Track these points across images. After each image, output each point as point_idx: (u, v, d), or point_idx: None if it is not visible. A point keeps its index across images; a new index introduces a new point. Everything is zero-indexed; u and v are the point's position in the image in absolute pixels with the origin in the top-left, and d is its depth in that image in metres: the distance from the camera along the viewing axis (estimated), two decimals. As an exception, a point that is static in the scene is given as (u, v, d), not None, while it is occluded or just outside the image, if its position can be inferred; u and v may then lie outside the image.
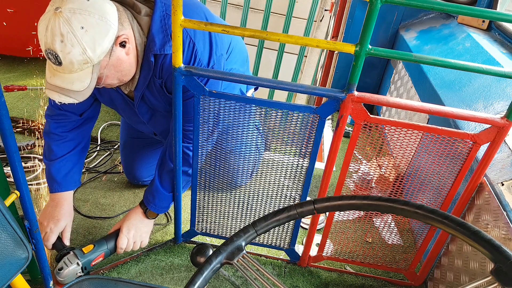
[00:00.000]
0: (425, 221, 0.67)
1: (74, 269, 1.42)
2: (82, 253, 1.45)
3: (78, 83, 1.16)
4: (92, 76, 1.17)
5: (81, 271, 1.44)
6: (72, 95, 1.18)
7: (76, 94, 1.18)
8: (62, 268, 1.40)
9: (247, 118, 1.34)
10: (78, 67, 1.13)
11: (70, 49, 1.09)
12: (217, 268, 0.67)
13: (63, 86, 1.16)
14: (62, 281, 1.40)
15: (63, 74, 1.15)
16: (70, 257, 1.43)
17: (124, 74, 1.31)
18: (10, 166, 1.09)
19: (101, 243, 1.50)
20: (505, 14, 1.03)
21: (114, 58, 1.22)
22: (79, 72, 1.15)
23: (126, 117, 1.68)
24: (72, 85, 1.16)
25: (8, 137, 1.02)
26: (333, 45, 1.18)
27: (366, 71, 2.62)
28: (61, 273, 1.39)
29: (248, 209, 1.59)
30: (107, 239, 1.53)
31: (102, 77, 1.24)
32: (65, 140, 1.56)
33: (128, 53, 1.26)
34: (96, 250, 1.47)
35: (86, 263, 1.44)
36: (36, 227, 1.21)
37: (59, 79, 1.16)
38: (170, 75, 1.35)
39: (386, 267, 1.65)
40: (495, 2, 2.02)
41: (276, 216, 0.72)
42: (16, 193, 1.15)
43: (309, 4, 3.38)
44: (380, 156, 1.83)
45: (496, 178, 1.30)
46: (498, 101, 1.51)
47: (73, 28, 1.08)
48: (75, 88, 1.16)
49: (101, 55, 1.15)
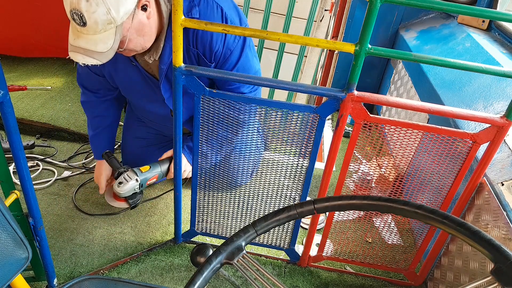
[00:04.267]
0: (425, 221, 0.67)
1: (132, 184, 1.57)
2: (140, 171, 1.59)
3: (101, 44, 1.18)
4: (115, 38, 1.19)
5: (138, 188, 1.60)
6: (96, 56, 1.20)
7: (99, 55, 1.20)
8: (122, 182, 1.56)
9: (247, 117, 1.34)
10: (102, 27, 1.15)
11: (95, 8, 1.11)
12: (217, 268, 0.66)
13: (87, 47, 1.18)
14: (122, 194, 1.57)
15: (87, 35, 1.17)
16: (130, 174, 1.58)
17: (146, 39, 1.33)
18: (15, 164, 1.09)
19: (155, 165, 1.63)
20: (505, 14, 1.03)
21: (136, 21, 1.24)
22: (103, 33, 1.17)
23: (139, 96, 1.69)
24: (96, 46, 1.18)
25: (13, 135, 1.03)
26: (333, 44, 1.18)
27: (366, 71, 2.62)
28: (121, 186, 1.56)
29: (248, 209, 1.59)
30: (160, 163, 1.66)
31: (125, 41, 1.26)
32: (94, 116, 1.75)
33: (149, 17, 1.28)
34: (152, 170, 1.61)
35: (143, 180, 1.58)
36: (40, 225, 1.21)
37: (83, 40, 1.18)
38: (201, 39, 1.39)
39: (386, 267, 1.65)
40: (495, 2, 2.02)
41: (276, 216, 0.72)
42: (16, 193, 1.15)
43: (309, 4, 3.38)
44: (380, 156, 1.83)
45: (496, 178, 1.30)
46: (498, 101, 1.51)
47: None
48: (98, 49, 1.19)
49: (124, 16, 1.17)
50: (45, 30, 2.78)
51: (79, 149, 2.19)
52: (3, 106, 0.97)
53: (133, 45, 1.31)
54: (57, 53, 2.97)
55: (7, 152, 1.09)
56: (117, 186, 1.56)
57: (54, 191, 1.92)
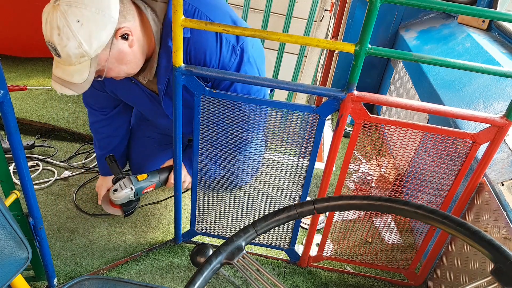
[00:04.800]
0: (425, 221, 0.67)
1: (127, 193, 1.57)
2: (136, 180, 1.59)
3: (77, 76, 1.17)
4: (90, 70, 1.18)
5: (133, 196, 1.58)
6: (72, 87, 1.19)
7: (75, 86, 1.19)
8: (117, 189, 1.57)
9: (247, 118, 1.34)
10: (75, 60, 1.14)
11: (66, 42, 1.10)
12: (217, 268, 0.66)
13: (64, 78, 1.18)
14: (116, 201, 1.58)
15: (63, 66, 1.17)
16: (126, 181, 1.58)
17: (130, 67, 1.31)
18: (15, 163, 1.09)
19: (154, 174, 1.63)
20: (505, 14, 1.03)
21: (115, 51, 1.22)
22: (78, 65, 1.16)
23: (147, 112, 1.68)
24: (72, 78, 1.17)
25: (13, 135, 1.03)
26: (333, 44, 1.18)
27: (366, 71, 2.62)
28: (116, 194, 1.56)
29: (248, 209, 1.59)
30: (160, 172, 1.65)
31: (104, 70, 1.24)
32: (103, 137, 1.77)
33: (131, 45, 1.26)
34: (149, 179, 1.60)
35: (139, 189, 1.58)
36: (40, 224, 1.21)
37: (60, 70, 1.18)
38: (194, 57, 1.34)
39: (386, 267, 1.65)
40: (495, 2, 2.02)
41: (276, 216, 0.72)
42: (16, 193, 1.15)
43: (309, 4, 3.38)
44: (380, 156, 1.83)
45: (496, 178, 1.30)
46: (498, 101, 1.51)
47: (68, 21, 1.08)
48: (74, 80, 1.18)
49: (98, 49, 1.15)
50: (45, 30, 2.78)
51: (79, 149, 2.19)
52: (3, 106, 0.97)
53: (115, 73, 1.29)
54: (57, 53, 2.97)
55: (7, 152, 1.09)
56: (112, 192, 1.57)
57: (54, 191, 1.92)
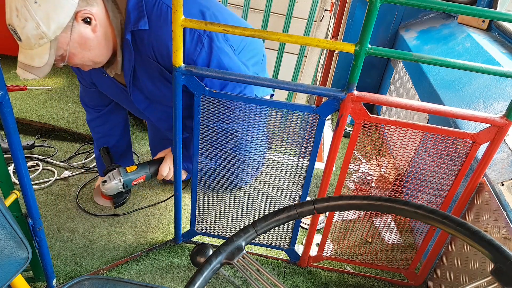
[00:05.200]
0: (425, 221, 0.67)
1: (116, 184, 1.61)
2: (125, 171, 1.62)
3: (37, 59, 1.16)
4: (50, 52, 1.17)
5: (122, 187, 1.63)
6: (34, 71, 1.19)
7: (37, 70, 1.19)
8: (106, 181, 1.61)
9: (247, 118, 1.34)
10: (35, 42, 1.13)
11: (24, 23, 1.10)
12: (217, 268, 0.66)
13: (25, 62, 1.18)
14: (105, 192, 1.62)
15: (25, 50, 1.16)
16: (115, 173, 1.62)
17: (95, 54, 1.28)
18: (14, 164, 1.09)
19: (143, 166, 1.66)
20: (505, 14, 1.03)
21: (76, 35, 1.20)
22: (38, 48, 1.15)
23: (125, 105, 1.69)
24: (32, 61, 1.17)
25: (12, 135, 1.03)
26: (333, 44, 1.18)
27: (366, 71, 2.62)
28: (105, 185, 1.60)
29: (248, 209, 1.59)
30: (150, 164, 1.68)
31: (66, 55, 1.23)
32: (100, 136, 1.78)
33: (94, 30, 1.24)
34: (139, 171, 1.63)
35: (127, 181, 1.62)
36: (39, 225, 1.21)
37: (22, 55, 1.18)
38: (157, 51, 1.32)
39: (386, 267, 1.65)
40: (495, 2, 2.02)
41: (276, 216, 0.72)
42: (16, 193, 1.15)
43: (309, 4, 3.38)
44: (380, 156, 1.83)
45: (496, 178, 1.30)
46: (498, 101, 1.51)
47: (26, 2, 1.08)
48: (35, 64, 1.17)
49: (57, 30, 1.14)
50: (45, 30, 2.78)
51: (79, 149, 2.19)
52: (2, 106, 0.97)
53: (79, 59, 1.27)
54: (57, 53, 2.97)
55: (6, 152, 1.09)
56: (102, 184, 1.61)
57: (54, 191, 1.92)
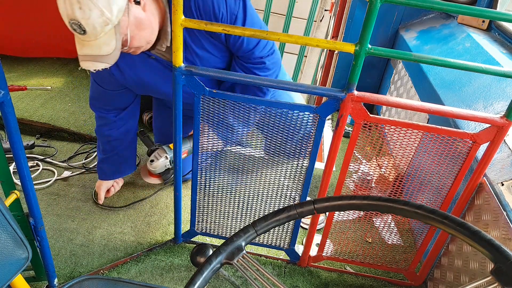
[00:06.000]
0: (425, 221, 0.67)
1: (163, 161, 1.70)
2: (169, 149, 1.71)
3: (105, 47, 1.21)
4: (117, 37, 1.22)
5: (169, 164, 1.72)
6: (103, 59, 1.23)
7: (106, 58, 1.23)
8: (153, 160, 1.69)
9: (247, 118, 1.34)
10: (101, 30, 1.17)
11: (89, 13, 1.13)
12: (217, 268, 0.66)
13: (93, 53, 1.22)
14: (154, 171, 1.70)
15: (89, 42, 1.20)
16: (160, 152, 1.70)
17: (148, 33, 1.33)
18: (16, 163, 1.09)
19: (185, 141, 1.71)
20: (505, 14, 1.03)
21: (132, 16, 1.25)
22: (104, 36, 1.19)
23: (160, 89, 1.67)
24: (100, 50, 1.21)
25: (14, 135, 1.03)
26: (333, 44, 1.18)
27: (366, 71, 2.62)
28: (153, 164, 1.69)
29: (248, 209, 1.59)
30: (189, 138, 1.74)
31: (127, 39, 1.27)
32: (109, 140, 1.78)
33: (144, 9, 1.29)
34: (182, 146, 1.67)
35: None
36: (41, 225, 1.21)
37: (88, 48, 1.21)
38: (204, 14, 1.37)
39: (386, 267, 1.65)
40: (495, 2, 2.02)
41: (276, 216, 0.72)
42: (16, 193, 1.15)
43: (309, 4, 3.38)
44: (380, 156, 1.83)
45: (496, 178, 1.30)
46: (498, 101, 1.51)
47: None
48: (103, 52, 1.22)
49: (119, 14, 1.18)
50: (45, 30, 2.78)
51: (79, 149, 2.19)
52: (4, 106, 0.97)
53: (138, 41, 1.32)
54: (57, 53, 2.97)
55: (7, 152, 1.09)
56: (149, 163, 1.67)
57: (54, 191, 1.92)
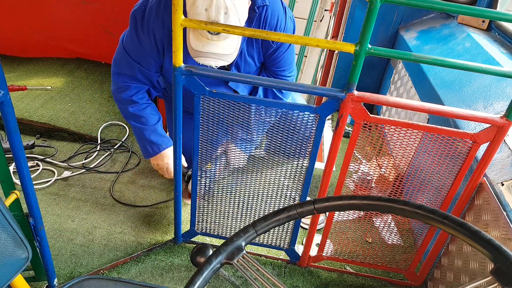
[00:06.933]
0: (425, 221, 0.67)
1: None
2: None
3: (228, 47, 1.34)
4: (238, 40, 1.37)
5: None
6: (226, 58, 1.35)
7: (228, 57, 1.35)
8: None
9: (247, 118, 1.34)
10: None
11: (231, 19, 1.26)
12: (217, 268, 0.66)
13: (219, 52, 1.33)
14: None
15: (217, 42, 1.31)
16: None
17: None
18: (16, 163, 1.10)
19: None
20: (505, 14, 1.03)
21: None
22: (229, 38, 1.32)
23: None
24: (224, 50, 1.33)
25: (13, 135, 1.03)
26: (333, 44, 1.18)
27: (366, 71, 2.62)
28: None
29: (248, 209, 1.59)
30: None
31: None
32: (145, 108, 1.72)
33: None
34: None
35: None
36: (40, 225, 1.21)
37: (213, 46, 1.31)
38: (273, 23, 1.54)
39: (386, 267, 1.65)
40: (495, 2, 2.02)
41: (276, 216, 0.72)
42: (16, 193, 1.15)
43: (309, 4, 3.38)
44: (380, 156, 1.83)
45: (496, 178, 1.30)
46: (498, 101, 1.51)
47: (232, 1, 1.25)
48: (226, 52, 1.34)
49: (242, 21, 1.33)
50: (45, 30, 2.78)
51: (79, 149, 2.19)
52: (4, 106, 0.97)
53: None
54: (57, 53, 2.97)
55: (7, 152, 1.10)
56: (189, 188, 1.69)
57: (54, 191, 1.92)
